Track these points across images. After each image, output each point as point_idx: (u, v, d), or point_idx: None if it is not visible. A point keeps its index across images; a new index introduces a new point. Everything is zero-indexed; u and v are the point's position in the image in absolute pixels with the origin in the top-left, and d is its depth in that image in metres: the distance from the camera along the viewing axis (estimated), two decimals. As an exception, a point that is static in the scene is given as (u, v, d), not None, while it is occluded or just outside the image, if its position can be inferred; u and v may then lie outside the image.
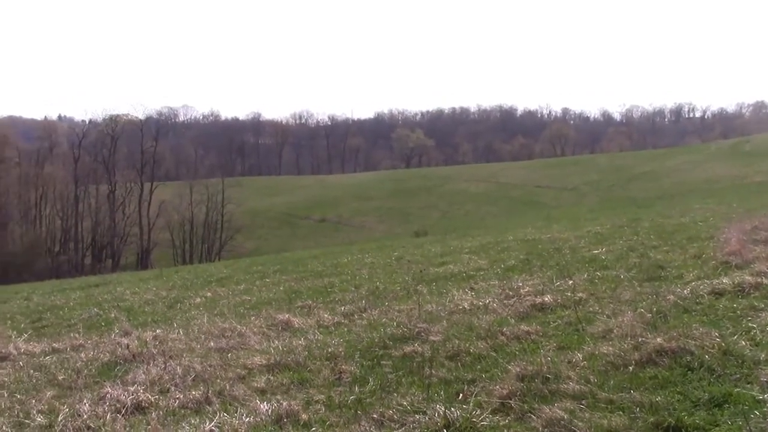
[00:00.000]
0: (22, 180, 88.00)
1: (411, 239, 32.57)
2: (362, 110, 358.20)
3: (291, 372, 6.61)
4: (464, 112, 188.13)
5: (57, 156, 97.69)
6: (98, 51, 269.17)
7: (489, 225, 46.27)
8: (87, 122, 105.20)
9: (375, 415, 5.10)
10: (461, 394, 5.41)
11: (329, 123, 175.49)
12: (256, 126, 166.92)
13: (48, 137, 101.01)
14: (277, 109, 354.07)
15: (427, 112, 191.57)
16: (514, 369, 5.77)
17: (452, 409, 4.97)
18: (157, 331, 9.86)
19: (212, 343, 8.38)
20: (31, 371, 7.95)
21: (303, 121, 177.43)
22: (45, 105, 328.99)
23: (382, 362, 6.60)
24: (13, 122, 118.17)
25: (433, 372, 5.99)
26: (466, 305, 9.05)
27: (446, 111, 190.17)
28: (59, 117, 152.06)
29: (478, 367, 6.16)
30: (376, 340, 7.47)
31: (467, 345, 6.80)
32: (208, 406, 5.68)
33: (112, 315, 12.63)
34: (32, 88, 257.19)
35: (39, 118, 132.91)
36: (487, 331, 7.31)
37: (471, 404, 5.10)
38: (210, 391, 5.96)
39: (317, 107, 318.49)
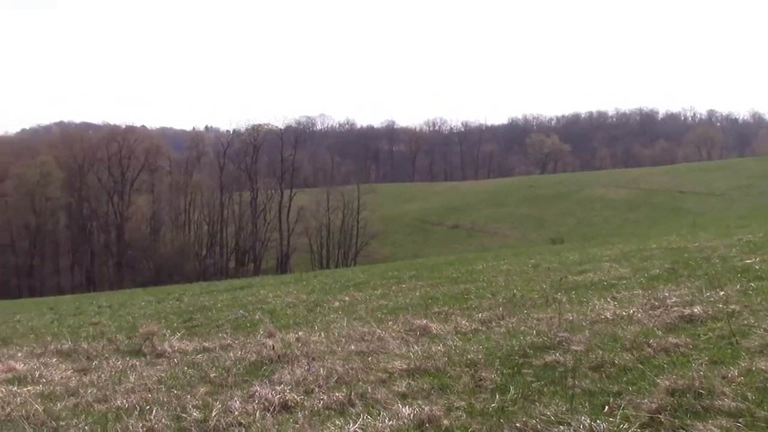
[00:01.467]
0: (173, 187, 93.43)
1: (547, 246, 31.91)
2: (496, 116, 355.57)
3: (431, 377, 6.63)
4: (602, 115, 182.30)
5: (204, 164, 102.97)
6: (242, 64, 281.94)
7: (629, 232, 44.64)
8: (231, 132, 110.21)
9: (518, 424, 5.03)
10: (607, 407, 5.23)
11: (462, 129, 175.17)
12: (391, 133, 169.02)
13: (196, 147, 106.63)
14: (411, 117, 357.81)
15: (563, 116, 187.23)
16: (663, 383, 5.52)
17: (598, 421, 4.82)
18: (300, 333, 10.14)
19: (353, 346, 8.53)
20: (185, 368, 8.37)
21: (436, 127, 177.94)
22: (193, 116, 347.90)
23: (522, 371, 6.50)
24: (165, 133, 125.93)
25: (576, 383, 5.83)
26: (608, 315, 8.76)
27: (583, 115, 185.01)
28: (206, 127, 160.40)
29: (624, 379, 5.94)
30: (515, 348, 7.36)
31: (611, 356, 6.57)
32: (351, 408, 5.79)
33: (257, 317, 13.06)
34: (182, 101, 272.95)
35: (188, 129, 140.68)
36: (632, 342, 7.05)
37: (618, 418, 4.93)
38: (353, 393, 6.08)
39: (450, 114, 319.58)
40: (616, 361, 6.42)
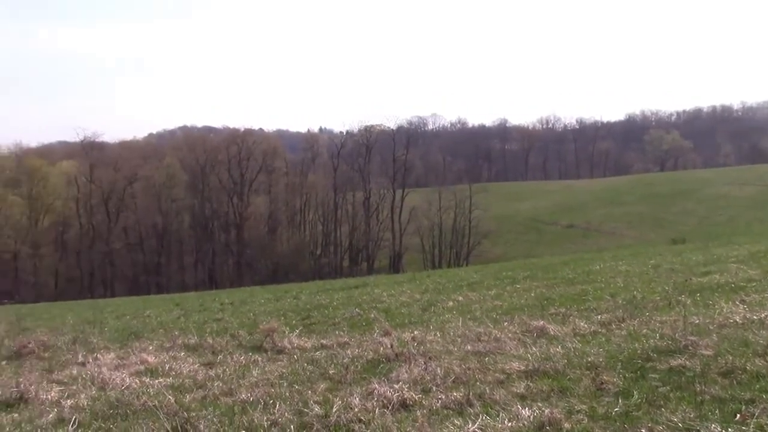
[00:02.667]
0: (289, 188, 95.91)
1: (668, 246, 30.71)
2: (612, 112, 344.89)
3: (550, 379, 6.53)
4: (726, 110, 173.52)
5: (318, 165, 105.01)
6: (356, 66, 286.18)
7: (756, 232, 42.35)
8: (344, 133, 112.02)
9: (643, 430, 4.88)
10: (739, 415, 4.99)
11: (577, 126, 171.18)
12: (503, 132, 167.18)
13: (311, 148, 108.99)
14: (524, 115, 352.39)
15: (684, 111, 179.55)
16: (801, 391, 5.23)
17: (729, 430, 4.62)
18: (415, 332, 10.19)
19: (469, 347, 8.51)
20: (305, 364, 8.58)
21: (550, 125, 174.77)
22: (308, 118, 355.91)
23: (646, 375, 6.30)
24: (281, 135, 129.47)
25: (705, 389, 5.59)
26: (737, 319, 8.34)
27: (705, 110, 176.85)
28: (320, 129, 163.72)
29: (757, 386, 5.64)
30: (638, 352, 7.13)
31: (743, 362, 6.26)
32: (469, 408, 5.78)
33: (372, 315, 13.19)
34: (297, 104, 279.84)
35: (303, 131, 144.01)
36: (765, 348, 6.69)
37: (751, 427, 4.70)
38: (471, 393, 6.07)
39: (564, 111, 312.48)
40: (747, 368, 6.11)
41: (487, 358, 7.75)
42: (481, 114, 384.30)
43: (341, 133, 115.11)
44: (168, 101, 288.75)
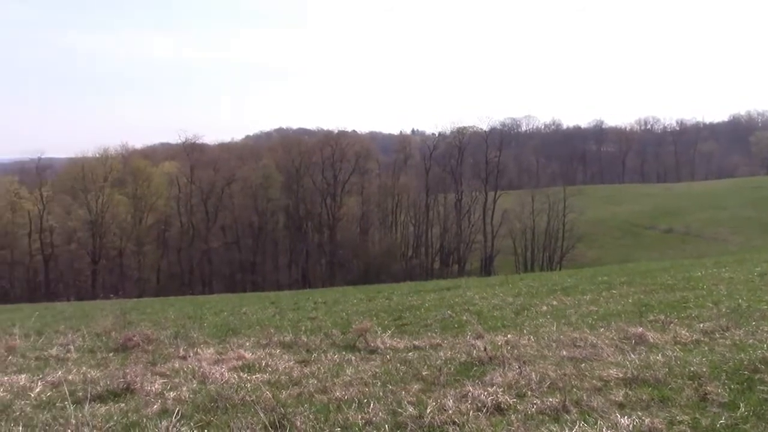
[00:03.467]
0: (381, 189, 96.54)
1: (776, 253, 29.25)
2: (715, 113, 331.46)
3: (650, 388, 6.34)
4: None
5: (410, 167, 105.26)
6: (449, 67, 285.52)
7: None
8: (437, 135, 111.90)
9: (750, 444, 4.70)
10: None
11: (677, 128, 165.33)
12: (599, 133, 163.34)
13: (403, 150, 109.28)
14: (621, 116, 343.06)
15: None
16: None
17: None
18: (508, 336, 10.10)
19: (564, 352, 8.37)
20: (398, 365, 8.62)
21: (648, 126, 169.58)
22: (400, 120, 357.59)
23: (754, 387, 6.03)
24: (374, 137, 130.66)
25: (818, 403, 5.33)
26: None
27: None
28: (412, 131, 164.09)
29: None
30: (744, 363, 6.84)
31: None
32: (566, 415, 5.69)
33: (464, 317, 13.13)
34: (390, 106, 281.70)
35: (395, 133, 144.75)
36: None
37: None
38: (567, 400, 5.97)
39: (664, 112, 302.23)
40: None
41: (583, 364, 7.60)
42: (576, 115, 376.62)
43: (433, 134, 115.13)
44: (265, 104, 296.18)
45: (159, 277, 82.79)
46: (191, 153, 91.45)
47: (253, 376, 8.62)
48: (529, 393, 6.47)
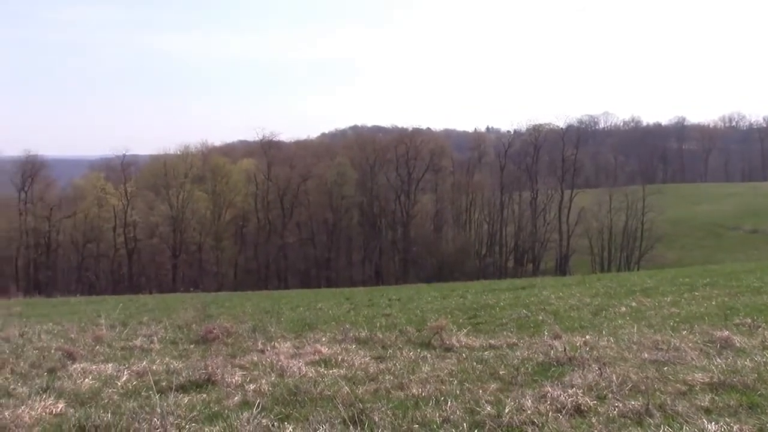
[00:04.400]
0: (455, 187, 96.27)
1: None
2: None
3: (738, 394, 6.13)
4: None
5: (485, 165, 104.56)
6: (525, 65, 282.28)
7: None
8: (512, 132, 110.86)
9: None
10: None
11: (764, 125, 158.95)
12: (680, 131, 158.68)
13: (477, 147, 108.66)
14: (704, 113, 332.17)
15: None
16: None
17: None
18: (586, 336, 9.94)
19: (645, 354, 8.18)
20: (474, 363, 8.58)
21: (733, 123, 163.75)
22: (475, 118, 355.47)
23: None
24: (449, 135, 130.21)
25: None
26: None
27: None
28: (487, 128, 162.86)
29: None
30: (840, 370, 6.56)
31: None
32: (649, 419, 5.55)
33: (540, 317, 12.99)
34: (464, 103, 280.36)
35: (470, 131, 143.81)
36: None
37: None
38: (650, 404, 5.83)
39: (750, 108, 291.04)
40: None
41: (666, 368, 7.41)
42: (656, 112, 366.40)
43: (509, 132, 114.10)
44: (340, 102, 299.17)
45: (236, 271, 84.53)
46: (268, 150, 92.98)
47: (330, 371, 8.72)
48: (610, 395, 6.34)
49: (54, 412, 7.11)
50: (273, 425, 6.05)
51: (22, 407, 7.12)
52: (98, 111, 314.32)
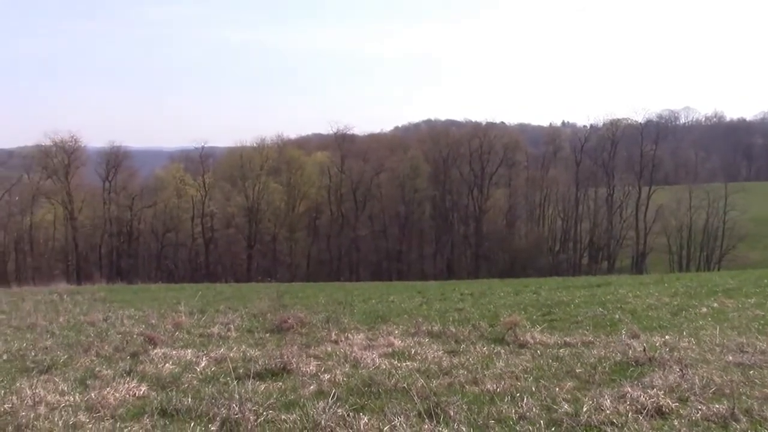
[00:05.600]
0: (529, 182, 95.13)
1: None
2: None
3: (829, 401, 5.89)
4: None
5: (560, 160, 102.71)
6: (602, 58, 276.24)
7: None
8: (588, 127, 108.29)
9: None
10: None
11: None
12: (767, 126, 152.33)
13: (552, 142, 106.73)
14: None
15: None
16: None
17: None
18: (666, 337, 9.70)
19: (729, 357, 7.93)
20: (549, 361, 8.48)
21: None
22: (550, 112, 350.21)
23: None
24: (523, 129, 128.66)
25: None
26: None
27: None
28: (563, 123, 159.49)
29: None
30: None
31: None
32: (734, 423, 5.38)
33: (617, 316, 12.75)
34: (539, 97, 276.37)
35: (545, 125, 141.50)
36: None
37: None
38: (735, 408, 5.64)
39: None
40: None
41: (752, 371, 7.17)
42: (740, 107, 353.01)
43: (585, 126, 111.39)
44: (416, 96, 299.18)
45: (309, 262, 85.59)
46: (342, 143, 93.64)
47: (403, 364, 8.75)
48: (692, 398, 6.17)
49: (137, 395, 7.36)
50: (348, 415, 6.11)
51: (107, 389, 7.40)
52: (178, 104, 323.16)
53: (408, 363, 8.84)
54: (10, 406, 6.88)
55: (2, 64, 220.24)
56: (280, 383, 7.84)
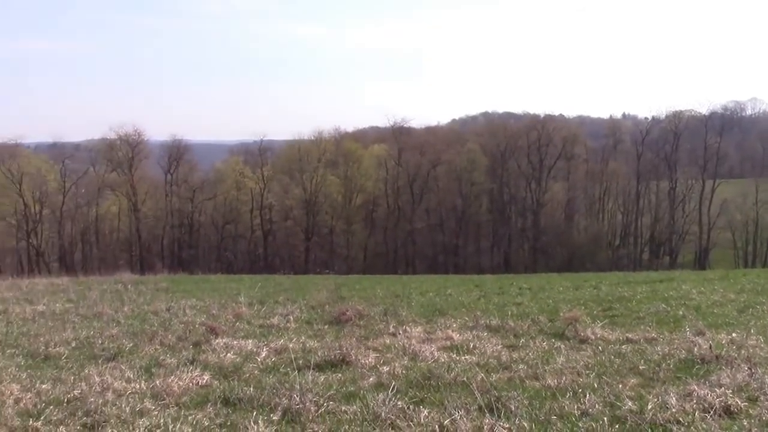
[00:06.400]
0: (588, 175, 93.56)
1: None
2: None
3: None
4: None
5: (620, 153, 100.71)
6: (664, 49, 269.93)
7: None
8: (650, 119, 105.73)
9: None
10: None
11: None
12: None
13: (612, 135, 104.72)
14: None
15: None
16: None
17: None
18: (733, 334, 9.46)
19: (802, 356, 7.69)
20: (611, 357, 8.35)
21: None
22: (610, 104, 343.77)
23: None
24: (582, 121, 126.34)
25: None
26: None
27: None
28: (623, 115, 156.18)
29: None
30: None
31: None
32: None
33: (680, 312, 12.49)
34: (600, 89, 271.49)
35: (605, 117, 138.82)
36: None
37: None
38: (809, 409, 5.48)
39: None
40: None
41: (826, 372, 6.93)
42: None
43: (646, 118, 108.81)
44: (471, 88, 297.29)
45: (366, 255, 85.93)
46: (399, 136, 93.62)
47: (462, 357, 8.73)
48: (762, 397, 6.00)
49: (200, 384, 7.52)
50: (408, 408, 6.13)
51: (172, 377, 7.58)
52: (236, 98, 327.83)
53: (467, 357, 8.82)
54: (79, 392, 7.11)
55: (70, 61, 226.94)
56: (340, 375, 7.91)
